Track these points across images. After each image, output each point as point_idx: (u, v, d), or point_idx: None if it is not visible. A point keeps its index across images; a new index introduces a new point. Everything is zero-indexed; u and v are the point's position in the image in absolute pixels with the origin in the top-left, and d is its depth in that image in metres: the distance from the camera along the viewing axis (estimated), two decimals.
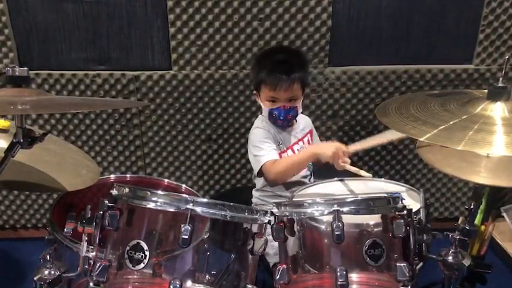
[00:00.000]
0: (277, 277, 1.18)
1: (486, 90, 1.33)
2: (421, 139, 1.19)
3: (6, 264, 2.32)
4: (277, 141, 1.77)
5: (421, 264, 1.26)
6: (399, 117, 1.32)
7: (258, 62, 1.81)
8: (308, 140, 1.87)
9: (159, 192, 1.14)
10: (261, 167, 1.68)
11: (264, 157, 1.68)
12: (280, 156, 1.76)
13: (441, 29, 2.21)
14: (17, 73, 1.18)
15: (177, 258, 1.15)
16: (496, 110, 1.25)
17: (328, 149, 1.60)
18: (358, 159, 2.40)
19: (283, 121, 1.73)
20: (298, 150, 1.81)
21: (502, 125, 1.19)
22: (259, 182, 1.83)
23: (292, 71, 1.67)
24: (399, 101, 1.46)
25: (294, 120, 1.83)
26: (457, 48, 2.26)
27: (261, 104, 1.76)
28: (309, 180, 1.84)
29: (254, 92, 1.81)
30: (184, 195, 1.26)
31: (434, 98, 1.42)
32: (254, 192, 1.88)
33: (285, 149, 1.78)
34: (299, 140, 1.83)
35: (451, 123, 1.21)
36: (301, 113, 1.83)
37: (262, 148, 1.70)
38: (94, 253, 1.17)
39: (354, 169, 1.61)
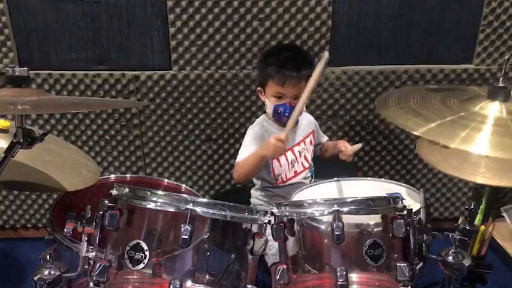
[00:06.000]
0: (277, 277, 1.18)
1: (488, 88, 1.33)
2: (416, 133, 1.19)
3: (6, 264, 2.32)
4: None
5: (421, 264, 1.26)
6: (399, 110, 1.32)
7: (265, 57, 1.79)
8: (310, 141, 1.86)
9: (159, 192, 1.14)
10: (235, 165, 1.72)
11: (239, 157, 1.70)
12: (278, 159, 1.75)
13: (441, 29, 2.21)
14: (17, 73, 1.18)
15: (177, 258, 1.15)
16: (493, 109, 1.25)
17: (267, 148, 1.58)
18: (358, 159, 2.40)
19: (288, 118, 1.69)
20: (299, 151, 1.80)
21: (492, 125, 1.19)
22: (257, 182, 1.84)
23: (301, 69, 1.67)
24: (399, 93, 1.46)
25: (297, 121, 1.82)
26: (457, 48, 2.26)
27: (266, 101, 1.74)
28: (310, 182, 1.84)
29: (258, 88, 1.79)
30: (184, 195, 1.26)
31: (435, 93, 1.41)
32: (253, 192, 1.88)
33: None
34: (301, 142, 1.82)
35: (448, 119, 1.21)
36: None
37: (244, 149, 1.71)
38: (94, 253, 1.17)
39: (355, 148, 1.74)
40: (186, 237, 1.06)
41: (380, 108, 1.37)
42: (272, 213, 1.22)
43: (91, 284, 1.12)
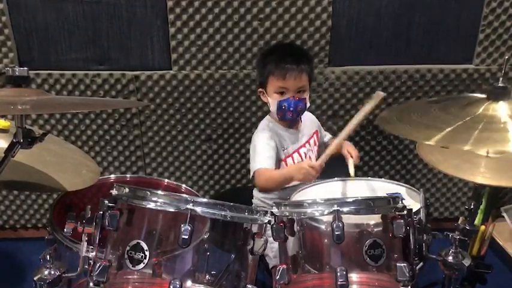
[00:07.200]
0: (277, 277, 1.18)
1: (484, 93, 1.33)
2: (429, 142, 1.18)
3: (6, 264, 2.32)
4: (282, 146, 1.75)
5: (421, 264, 1.26)
6: (402, 123, 1.32)
7: (264, 56, 1.81)
8: (314, 141, 1.86)
9: (159, 192, 1.14)
10: (254, 172, 1.70)
11: (257, 163, 1.69)
12: (286, 161, 1.76)
13: (441, 29, 2.21)
14: (17, 73, 1.18)
15: (177, 258, 1.15)
16: (500, 109, 1.25)
17: (298, 174, 1.60)
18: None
19: (293, 113, 1.70)
20: (304, 153, 1.80)
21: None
22: None
23: (301, 62, 1.69)
24: (398, 110, 1.46)
25: (300, 121, 1.82)
26: (457, 48, 2.25)
27: (268, 100, 1.74)
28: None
29: (259, 89, 1.79)
30: (184, 195, 1.26)
31: (434, 104, 1.42)
32: (255, 193, 1.88)
33: (291, 153, 1.77)
34: (306, 143, 1.81)
35: (456, 125, 1.21)
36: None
37: (260, 153, 1.70)
38: (94, 253, 1.17)
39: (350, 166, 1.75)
40: (186, 237, 1.06)
41: (383, 125, 1.37)
42: (272, 213, 1.22)
43: (91, 284, 1.12)
